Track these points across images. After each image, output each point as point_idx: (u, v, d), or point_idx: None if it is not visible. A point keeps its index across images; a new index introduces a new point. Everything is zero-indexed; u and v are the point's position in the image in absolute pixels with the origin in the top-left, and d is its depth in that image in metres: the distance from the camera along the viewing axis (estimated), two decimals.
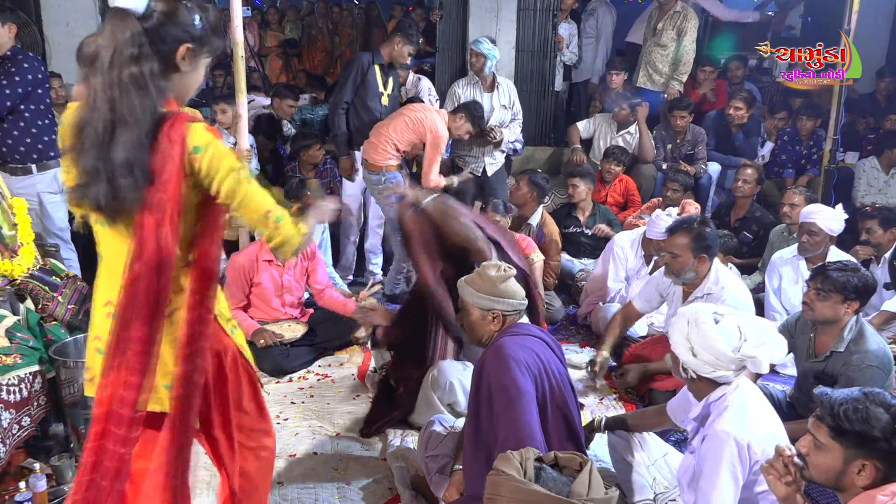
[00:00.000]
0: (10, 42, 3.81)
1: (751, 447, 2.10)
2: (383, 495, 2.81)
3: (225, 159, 1.70)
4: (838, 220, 3.90)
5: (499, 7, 6.42)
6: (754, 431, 2.12)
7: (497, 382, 2.30)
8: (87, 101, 1.68)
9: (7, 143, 3.89)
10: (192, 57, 1.73)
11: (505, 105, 5.24)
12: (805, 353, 3.04)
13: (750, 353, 2.12)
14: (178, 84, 1.75)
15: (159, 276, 1.68)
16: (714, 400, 2.22)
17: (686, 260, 3.37)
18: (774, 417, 2.26)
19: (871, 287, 2.90)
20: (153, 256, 1.66)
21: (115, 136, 1.62)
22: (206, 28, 1.73)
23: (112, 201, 1.65)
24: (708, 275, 3.43)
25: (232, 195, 1.72)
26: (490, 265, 2.52)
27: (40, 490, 2.52)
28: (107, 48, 1.63)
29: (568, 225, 5.14)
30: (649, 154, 5.85)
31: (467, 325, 2.54)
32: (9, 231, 3.29)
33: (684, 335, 2.21)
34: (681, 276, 3.43)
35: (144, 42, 1.64)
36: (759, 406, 2.22)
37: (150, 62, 1.64)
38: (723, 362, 2.15)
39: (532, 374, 2.31)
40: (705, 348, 2.16)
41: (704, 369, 2.18)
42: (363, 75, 4.65)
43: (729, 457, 2.10)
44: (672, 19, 6.14)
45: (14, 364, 2.76)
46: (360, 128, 4.71)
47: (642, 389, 3.60)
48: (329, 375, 3.80)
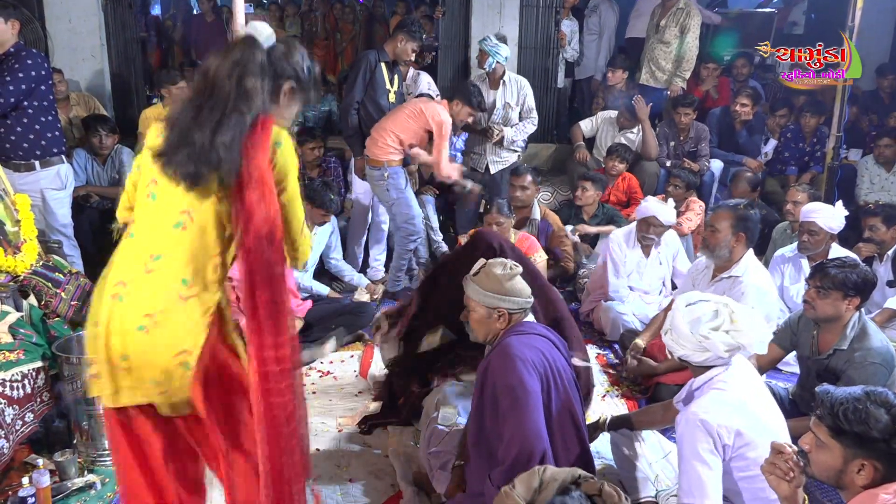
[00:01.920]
0: (12, 38, 3.81)
1: (720, 431, 2.13)
2: (385, 492, 2.81)
3: (294, 160, 1.91)
4: (838, 218, 3.89)
5: (502, 4, 6.41)
6: (728, 417, 2.15)
7: (503, 382, 2.29)
8: (201, 90, 1.88)
9: (10, 139, 3.89)
10: (292, 96, 1.98)
11: (510, 103, 5.17)
12: (808, 350, 3.04)
13: (704, 334, 2.21)
14: (273, 114, 1.94)
15: (270, 244, 1.82)
16: (699, 385, 2.29)
17: (724, 235, 3.43)
18: (766, 406, 2.28)
19: (870, 283, 2.89)
20: (261, 226, 1.80)
21: (223, 121, 1.82)
22: (309, 77, 1.99)
23: (204, 170, 1.81)
24: (739, 260, 3.46)
25: (293, 196, 1.92)
26: (496, 263, 2.52)
27: (44, 486, 2.52)
28: (236, 63, 1.86)
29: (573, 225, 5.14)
30: (653, 151, 5.83)
31: (473, 322, 2.54)
32: (12, 227, 3.29)
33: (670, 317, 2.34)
34: (715, 251, 3.47)
35: (266, 67, 1.89)
36: (745, 393, 2.24)
37: (266, 82, 1.89)
38: (683, 343, 2.25)
39: (539, 374, 2.31)
40: (673, 328, 2.29)
41: (676, 349, 2.30)
42: (371, 73, 4.64)
43: (702, 437, 2.14)
44: (675, 16, 6.12)
45: (17, 360, 2.77)
46: (371, 126, 4.69)
47: (648, 382, 3.60)
48: (331, 372, 3.81)
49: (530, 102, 5.22)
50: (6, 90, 3.72)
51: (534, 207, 4.87)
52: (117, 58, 6.24)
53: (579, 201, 5.12)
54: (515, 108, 5.20)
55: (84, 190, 4.94)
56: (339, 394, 3.59)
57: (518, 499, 1.68)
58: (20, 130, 3.89)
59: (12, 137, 3.89)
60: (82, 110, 5.55)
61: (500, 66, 5.10)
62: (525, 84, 5.23)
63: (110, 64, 6.14)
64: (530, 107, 5.22)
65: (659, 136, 5.91)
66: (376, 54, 4.72)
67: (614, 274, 4.33)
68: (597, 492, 1.71)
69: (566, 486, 1.71)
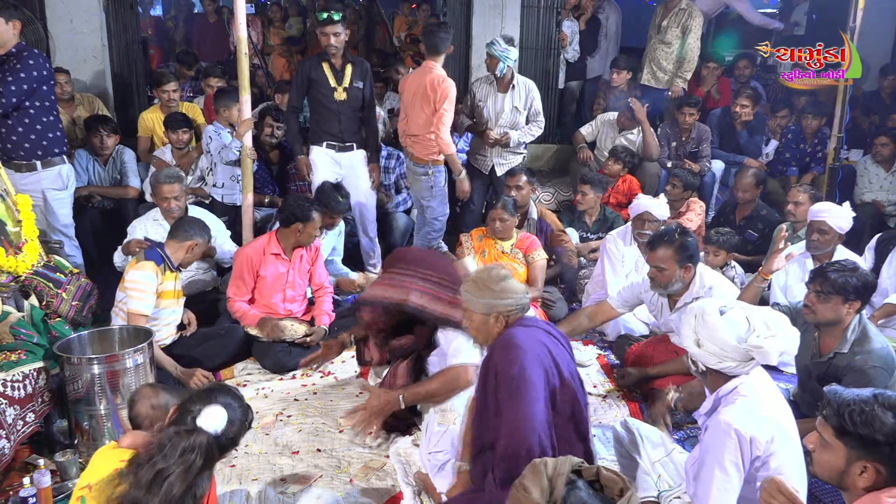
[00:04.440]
0: (14, 39, 3.82)
1: (754, 441, 2.09)
2: (386, 492, 2.81)
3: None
4: (847, 218, 3.91)
5: (503, 4, 6.41)
6: (760, 426, 2.12)
7: (504, 371, 2.29)
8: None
9: (12, 139, 3.90)
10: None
11: (518, 106, 5.11)
12: (809, 352, 3.03)
13: (757, 344, 2.13)
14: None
15: None
16: (725, 394, 2.22)
17: (672, 272, 3.37)
18: (786, 414, 2.24)
19: (870, 286, 2.88)
20: None
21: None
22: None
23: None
24: (693, 280, 3.43)
25: None
26: (483, 269, 2.54)
27: (45, 486, 2.52)
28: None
29: (576, 229, 5.15)
30: (654, 152, 5.83)
31: (471, 330, 2.53)
32: (13, 227, 3.30)
33: (692, 328, 2.23)
34: (668, 288, 3.42)
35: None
36: (770, 401, 2.21)
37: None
38: (728, 353, 2.16)
39: (543, 366, 2.30)
40: (710, 339, 2.17)
41: (710, 360, 2.20)
42: (307, 79, 4.69)
43: (732, 448, 2.09)
44: (677, 17, 6.12)
45: (18, 360, 2.77)
46: (318, 121, 4.81)
47: (644, 389, 3.60)
48: (332, 373, 3.81)
49: (537, 106, 5.17)
50: (8, 90, 3.73)
51: (531, 207, 4.87)
52: (118, 58, 6.25)
53: (581, 206, 5.10)
54: (523, 111, 5.13)
55: (86, 190, 4.94)
56: (340, 394, 3.59)
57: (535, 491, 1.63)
58: (22, 131, 3.89)
59: (14, 138, 3.90)
60: (85, 111, 5.56)
61: (509, 69, 5.00)
62: (533, 87, 5.16)
63: (111, 64, 6.15)
64: (537, 110, 5.18)
65: (660, 137, 5.91)
66: (316, 58, 4.74)
67: (612, 272, 4.33)
68: (594, 476, 1.71)
69: (570, 477, 1.67)
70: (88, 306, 3.44)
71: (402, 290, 2.90)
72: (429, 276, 2.95)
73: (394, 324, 3.02)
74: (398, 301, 2.89)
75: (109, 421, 2.94)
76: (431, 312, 2.87)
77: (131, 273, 3.47)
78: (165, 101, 5.48)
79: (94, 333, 3.20)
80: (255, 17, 9.04)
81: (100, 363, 2.90)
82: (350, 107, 4.73)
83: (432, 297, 2.89)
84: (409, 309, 2.88)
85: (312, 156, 4.81)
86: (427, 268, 2.99)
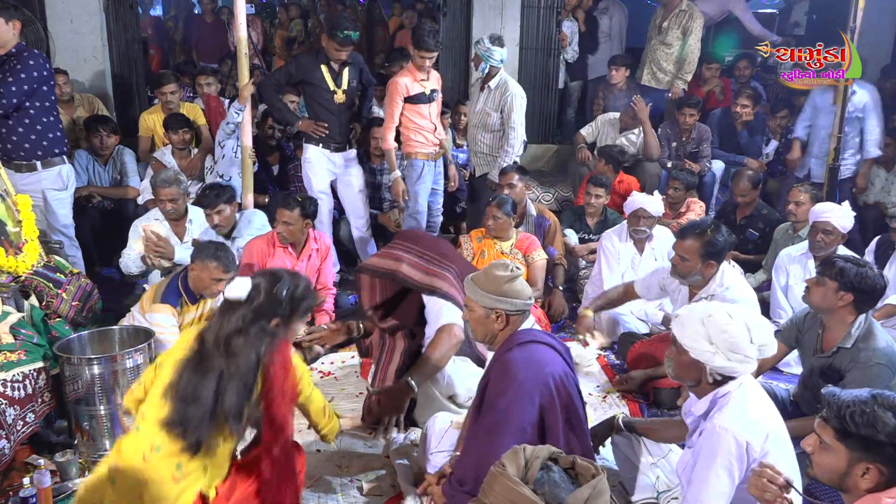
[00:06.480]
0: (14, 39, 3.82)
1: (750, 446, 2.09)
2: (386, 492, 2.81)
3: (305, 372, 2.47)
4: (849, 218, 3.92)
5: (503, 4, 6.42)
6: (754, 431, 2.12)
7: (492, 400, 2.38)
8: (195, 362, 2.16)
9: (12, 139, 3.90)
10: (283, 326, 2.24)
11: (488, 109, 4.97)
12: (812, 348, 3.03)
13: (763, 341, 2.15)
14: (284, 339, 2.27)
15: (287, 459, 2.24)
16: (720, 396, 2.21)
17: (694, 264, 3.36)
18: (776, 417, 2.25)
19: (870, 285, 2.84)
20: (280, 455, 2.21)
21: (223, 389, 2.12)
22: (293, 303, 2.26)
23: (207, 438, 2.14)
24: (714, 277, 3.43)
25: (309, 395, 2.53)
26: (498, 264, 2.52)
27: (45, 486, 2.52)
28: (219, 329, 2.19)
29: (577, 230, 5.14)
30: (655, 152, 5.82)
31: (471, 322, 2.54)
32: (13, 228, 3.29)
33: (702, 334, 2.17)
34: (686, 278, 3.43)
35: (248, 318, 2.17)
36: (761, 405, 2.21)
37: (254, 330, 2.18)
38: (740, 354, 2.14)
39: (538, 391, 2.33)
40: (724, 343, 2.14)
41: (717, 360, 2.15)
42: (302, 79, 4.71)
43: (726, 453, 2.09)
44: (677, 18, 6.12)
45: (18, 360, 2.77)
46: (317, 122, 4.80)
47: (647, 388, 3.60)
48: (332, 373, 3.81)
49: (514, 115, 4.88)
50: (8, 90, 3.73)
51: (527, 204, 4.86)
52: (118, 59, 6.25)
53: (591, 208, 5.07)
54: (493, 113, 4.96)
55: (86, 190, 4.94)
56: (340, 394, 3.59)
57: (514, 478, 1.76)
58: (22, 131, 3.89)
59: (14, 138, 3.90)
60: (85, 111, 5.56)
61: (493, 69, 4.91)
62: (515, 94, 4.87)
63: (111, 65, 6.15)
64: (510, 117, 4.88)
65: (661, 137, 5.90)
66: (315, 59, 4.71)
67: (608, 269, 4.34)
68: (570, 465, 1.85)
69: (545, 462, 1.82)
70: (88, 306, 3.43)
71: (396, 261, 3.22)
72: (423, 254, 3.25)
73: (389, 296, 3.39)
74: (390, 269, 3.20)
75: (109, 421, 2.94)
76: (419, 282, 3.17)
77: (150, 315, 3.40)
78: (165, 102, 5.49)
79: (94, 333, 3.20)
80: (255, 18, 9.04)
81: (100, 363, 2.90)
82: (347, 107, 4.78)
83: (422, 270, 3.20)
84: (399, 278, 3.18)
85: (308, 154, 4.80)
86: (424, 248, 3.29)
